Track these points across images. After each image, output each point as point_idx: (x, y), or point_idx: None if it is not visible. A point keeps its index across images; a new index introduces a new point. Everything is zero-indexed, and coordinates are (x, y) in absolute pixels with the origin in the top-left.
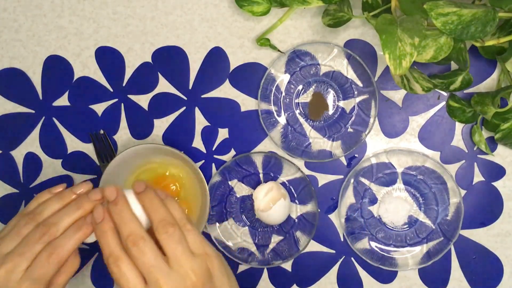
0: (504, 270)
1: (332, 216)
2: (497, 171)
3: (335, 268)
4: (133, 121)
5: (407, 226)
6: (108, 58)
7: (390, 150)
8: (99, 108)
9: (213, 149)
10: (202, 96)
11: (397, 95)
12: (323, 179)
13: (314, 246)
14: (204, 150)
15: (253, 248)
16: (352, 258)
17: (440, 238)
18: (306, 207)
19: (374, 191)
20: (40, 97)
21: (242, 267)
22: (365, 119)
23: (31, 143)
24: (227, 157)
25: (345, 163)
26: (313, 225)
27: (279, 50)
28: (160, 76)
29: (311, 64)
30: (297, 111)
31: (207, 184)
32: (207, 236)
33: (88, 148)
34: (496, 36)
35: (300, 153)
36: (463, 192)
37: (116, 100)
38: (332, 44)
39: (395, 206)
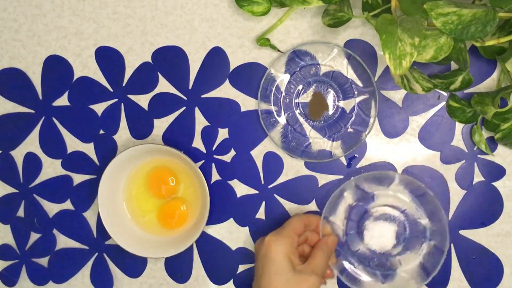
0: (504, 270)
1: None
2: (497, 171)
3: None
4: (133, 121)
5: (398, 247)
6: (108, 58)
7: (358, 177)
8: (99, 108)
9: (213, 149)
10: (202, 96)
11: (397, 95)
12: (323, 179)
13: None
14: (204, 150)
15: (253, 248)
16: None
17: (434, 243)
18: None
19: (373, 191)
20: (40, 97)
21: (242, 267)
22: (365, 119)
23: (31, 143)
24: (227, 157)
25: (345, 163)
26: None
27: (279, 50)
28: (160, 76)
29: (311, 64)
30: (297, 111)
31: (207, 184)
32: (207, 236)
33: (88, 148)
34: (496, 36)
35: (300, 153)
36: (463, 192)
37: (116, 100)
38: (332, 44)
39: (379, 230)
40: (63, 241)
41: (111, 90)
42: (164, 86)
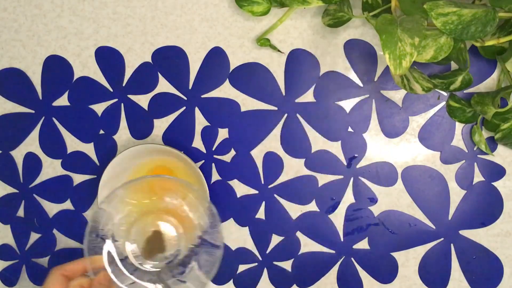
0: (504, 270)
1: (332, 216)
2: (497, 171)
3: (335, 268)
4: (133, 121)
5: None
6: (108, 58)
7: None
8: (99, 108)
9: (213, 149)
10: (202, 96)
11: (397, 95)
12: (323, 179)
13: (314, 246)
14: (204, 150)
15: (253, 248)
16: (352, 258)
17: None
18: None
19: (374, 191)
20: (40, 97)
21: (242, 267)
22: (365, 119)
23: (31, 143)
24: (227, 157)
25: (345, 163)
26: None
27: (279, 50)
28: (160, 76)
29: (311, 64)
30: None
31: (207, 184)
32: None
33: (88, 148)
34: (496, 36)
35: (300, 153)
36: (463, 192)
37: (116, 100)
38: (332, 44)
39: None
40: (63, 241)
41: (111, 90)
42: (164, 86)
